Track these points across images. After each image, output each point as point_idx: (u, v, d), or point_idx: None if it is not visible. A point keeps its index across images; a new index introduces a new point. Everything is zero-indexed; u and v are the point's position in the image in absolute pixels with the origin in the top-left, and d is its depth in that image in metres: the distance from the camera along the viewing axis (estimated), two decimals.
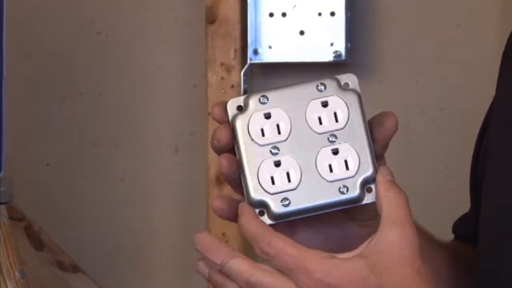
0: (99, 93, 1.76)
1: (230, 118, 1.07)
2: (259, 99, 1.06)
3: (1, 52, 1.35)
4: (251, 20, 1.68)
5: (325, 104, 1.07)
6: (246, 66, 1.66)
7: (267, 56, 1.67)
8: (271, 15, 1.68)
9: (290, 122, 1.07)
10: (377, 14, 1.72)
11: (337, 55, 1.67)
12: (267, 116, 1.06)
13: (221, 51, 1.68)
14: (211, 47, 1.68)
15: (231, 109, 1.07)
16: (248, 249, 1.10)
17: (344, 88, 1.07)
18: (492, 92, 1.22)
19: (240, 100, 1.06)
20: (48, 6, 1.73)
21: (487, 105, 1.24)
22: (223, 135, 1.09)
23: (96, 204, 1.77)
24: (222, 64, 1.67)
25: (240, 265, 1.05)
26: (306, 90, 1.07)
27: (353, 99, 1.07)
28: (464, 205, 1.30)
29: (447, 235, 1.31)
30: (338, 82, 1.07)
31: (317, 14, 1.67)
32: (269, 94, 1.07)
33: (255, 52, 1.67)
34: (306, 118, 1.07)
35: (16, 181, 1.37)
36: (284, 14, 1.67)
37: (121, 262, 1.77)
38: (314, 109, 1.07)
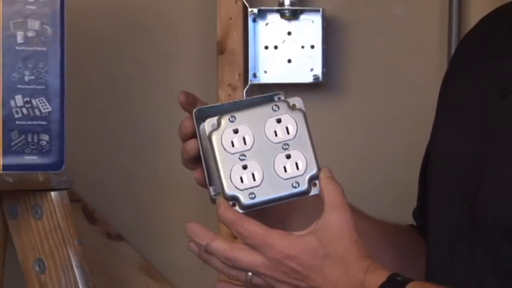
0: (135, 107, 1.75)
1: (207, 134, 1.09)
2: (229, 119, 1.09)
3: (63, 72, 1.32)
4: (251, 51, 1.66)
5: (279, 121, 1.08)
6: (247, 86, 1.66)
7: (263, 78, 1.67)
8: (266, 47, 1.66)
9: (253, 135, 1.09)
10: (346, 46, 1.71)
11: (316, 77, 1.65)
12: (235, 131, 1.08)
13: (229, 75, 1.66)
14: (221, 71, 1.66)
15: (208, 127, 1.09)
16: None
17: (293, 108, 1.09)
18: (432, 105, 1.27)
19: (214, 120, 1.09)
20: (94, 37, 1.72)
21: (429, 117, 1.27)
22: (187, 125, 1.13)
23: (136, 188, 1.76)
24: (229, 85, 1.66)
25: (220, 245, 1.08)
26: (264, 110, 1.09)
27: (299, 116, 1.08)
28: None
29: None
30: (288, 103, 1.09)
31: (300, 47, 1.65)
32: (236, 115, 1.09)
33: (254, 75, 1.66)
34: (265, 132, 1.08)
35: (75, 172, 1.37)
36: (276, 47, 1.66)
37: (154, 233, 1.75)
38: (270, 125, 1.08)
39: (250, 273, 1.08)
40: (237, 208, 1.08)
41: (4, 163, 1.30)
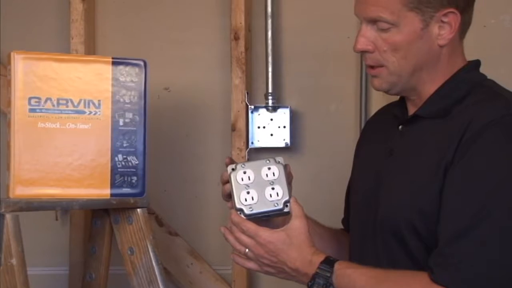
0: (186, 160, 1.69)
1: (228, 173, 1.09)
2: (241, 166, 1.09)
3: (145, 141, 1.30)
4: (250, 129, 1.63)
5: (269, 168, 1.09)
6: (248, 149, 1.64)
7: (257, 144, 1.64)
8: (258, 127, 1.64)
9: (254, 175, 1.08)
10: (302, 127, 1.66)
11: (286, 144, 1.63)
12: (244, 172, 1.09)
13: (238, 142, 1.63)
14: (233, 140, 1.63)
15: (229, 170, 1.09)
16: None
17: (277, 161, 1.09)
18: (351, 159, 1.25)
19: (233, 166, 1.09)
20: (164, 121, 1.67)
21: (349, 166, 1.25)
22: (225, 175, 1.11)
23: (185, 206, 1.68)
24: (238, 148, 1.63)
25: (236, 218, 1.08)
26: (261, 162, 1.09)
27: (281, 167, 1.09)
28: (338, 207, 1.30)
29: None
30: (275, 159, 1.10)
31: (277, 127, 1.63)
32: (246, 164, 1.09)
33: (252, 143, 1.64)
34: (261, 174, 1.09)
35: (151, 197, 1.36)
36: (264, 127, 1.64)
37: (196, 231, 1.69)
38: (264, 170, 1.09)
39: (247, 249, 1.08)
40: (242, 215, 1.08)
41: (111, 192, 1.28)
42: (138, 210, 1.31)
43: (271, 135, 1.65)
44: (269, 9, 1.60)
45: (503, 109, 1.01)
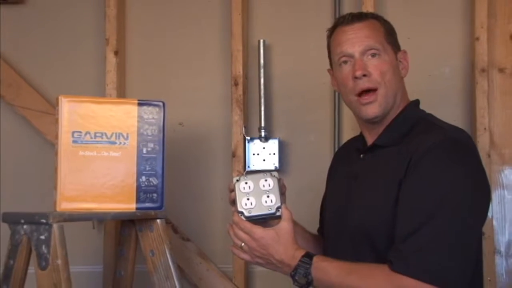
0: (195, 181, 1.70)
1: (233, 183, 1.11)
2: (244, 177, 1.11)
3: (163, 165, 1.29)
4: (247, 156, 1.64)
5: (266, 180, 1.10)
6: (245, 171, 1.64)
7: (252, 167, 1.64)
8: (253, 154, 1.64)
9: (254, 186, 1.10)
10: (289, 153, 1.68)
11: (275, 167, 1.63)
12: (246, 183, 1.10)
13: (237, 166, 1.64)
14: (234, 165, 1.64)
15: (234, 180, 1.12)
16: None
17: (273, 175, 1.11)
18: (324, 181, 1.32)
19: (238, 177, 1.12)
20: (178, 149, 1.69)
21: (322, 186, 1.30)
22: (231, 185, 1.14)
23: (195, 216, 1.69)
24: (237, 170, 1.63)
25: (235, 218, 1.12)
26: (259, 175, 1.11)
27: (275, 180, 1.11)
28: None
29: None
30: (271, 173, 1.12)
31: (268, 154, 1.63)
32: (247, 176, 1.10)
33: (248, 166, 1.65)
34: (259, 185, 1.10)
35: (168, 210, 1.36)
36: (258, 154, 1.64)
37: (205, 236, 1.68)
38: (262, 182, 1.10)
39: (243, 243, 1.11)
40: (242, 217, 1.10)
41: (136, 206, 1.28)
42: (158, 220, 1.32)
43: (264, 160, 1.67)
44: (262, 61, 1.66)
45: (441, 135, 1.09)
